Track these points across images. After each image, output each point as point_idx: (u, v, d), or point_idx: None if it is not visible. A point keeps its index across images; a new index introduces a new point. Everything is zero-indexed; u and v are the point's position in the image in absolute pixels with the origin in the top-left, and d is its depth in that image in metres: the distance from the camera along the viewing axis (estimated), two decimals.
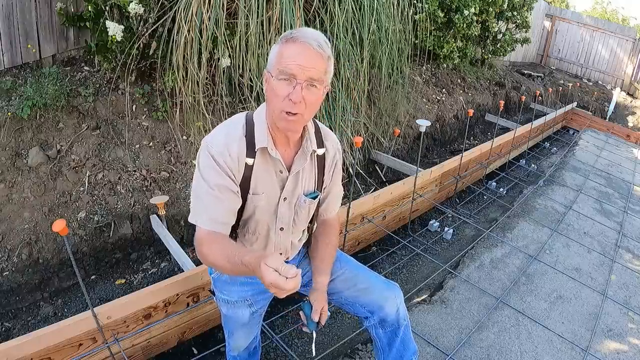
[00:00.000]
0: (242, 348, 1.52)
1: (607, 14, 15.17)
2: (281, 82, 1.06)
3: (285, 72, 1.05)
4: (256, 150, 1.16)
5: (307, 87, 1.06)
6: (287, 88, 1.06)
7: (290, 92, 1.06)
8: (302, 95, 1.05)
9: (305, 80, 1.05)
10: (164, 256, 2.65)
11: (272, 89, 1.09)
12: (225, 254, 1.07)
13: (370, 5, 3.12)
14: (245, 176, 1.17)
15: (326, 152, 1.30)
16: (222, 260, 1.07)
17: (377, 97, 3.93)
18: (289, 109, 1.07)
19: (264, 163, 1.19)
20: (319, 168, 1.30)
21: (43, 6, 2.84)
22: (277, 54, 1.08)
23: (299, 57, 1.04)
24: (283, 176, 1.23)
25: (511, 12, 6.48)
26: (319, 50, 1.06)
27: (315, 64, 1.06)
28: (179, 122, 2.95)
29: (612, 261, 3.04)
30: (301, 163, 1.23)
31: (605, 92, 9.78)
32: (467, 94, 5.98)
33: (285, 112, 1.08)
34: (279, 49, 1.08)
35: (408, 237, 3.17)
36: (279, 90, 1.07)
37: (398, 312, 1.40)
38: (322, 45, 1.07)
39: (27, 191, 2.42)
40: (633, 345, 2.27)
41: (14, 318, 2.18)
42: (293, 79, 1.05)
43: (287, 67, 1.05)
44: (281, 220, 1.28)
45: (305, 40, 1.05)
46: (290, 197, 1.26)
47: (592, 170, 4.95)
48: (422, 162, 3.62)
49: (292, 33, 1.08)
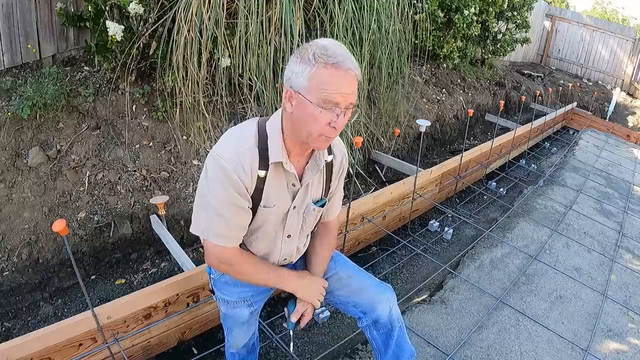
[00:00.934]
0: (241, 345, 1.53)
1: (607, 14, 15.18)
2: (325, 110, 1.04)
3: (330, 102, 1.03)
4: (270, 163, 1.14)
5: (346, 111, 1.07)
6: (330, 115, 1.04)
7: (332, 119, 1.05)
8: (343, 120, 1.06)
9: (346, 107, 1.05)
10: (164, 256, 2.65)
11: (311, 115, 1.05)
12: (253, 270, 1.24)
13: (370, 5, 3.12)
14: (257, 188, 1.16)
15: (334, 159, 1.30)
16: (250, 275, 1.24)
17: (377, 97, 3.93)
18: (329, 134, 1.07)
19: (277, 176, 1.18)
20: (327, 175, 1.30)
21: (43, 6, 2.84)
22: (314, 78, 1.02)
23: (342, 86, 1.03)
24: (295, 189, 1.22)
25: (511, 12, 6.48)
26: (357, 74, 1.05)
27: (354, 88, 1.06)
28: (179, 122, 2.95)
29: (612, 261, 3.04)
30: (312, 174, 1.22)
31: (605, 92, 9.78)
32: (467, 94, 5.98)
33: (325, 135, 1.08)
34: (318, 73, 1.02)
35: (408, 237, 3.17)
36: (322, 119, 1.04)
37: (391, 314, 1.40)
38: (357, 67, 1.06)
39: (27, 191, 2.42)
40: (633, 345, 2.27)
41: (14, 318, 2.18)
42: (336, 107, 1.04)
43: (332, 97, 1.02)
44: (289, 229, 1.28)
45: (347, 66, 1.03)
46: (299, 206, 1.26)
47: (592, 170, 4.95)
48: (422, 162, 3.62)
49: (329, 56, 1.02)
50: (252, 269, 1.24)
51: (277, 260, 1.33)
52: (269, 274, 1.27)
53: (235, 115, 3.13)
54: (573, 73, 10.73)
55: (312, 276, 1.35)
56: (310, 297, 1.31)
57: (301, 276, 1.33)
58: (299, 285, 1.31)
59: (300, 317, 1.34)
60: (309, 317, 1.35)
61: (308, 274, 1.36)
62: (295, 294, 1.32)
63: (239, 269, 1.23)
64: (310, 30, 3.01)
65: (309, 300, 1.31)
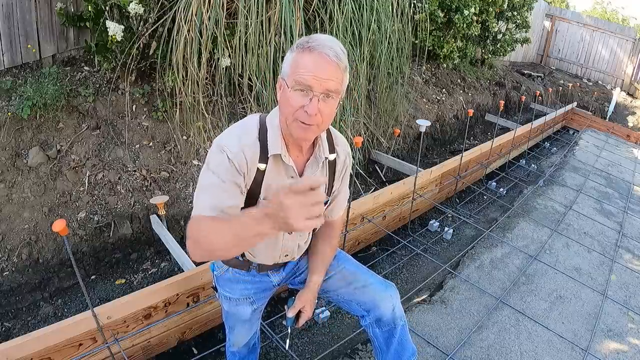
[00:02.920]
0: (242, 344, 1.53)
1: (607, 14, 15.18)
2: (296, 92, 1.03)
3: (301, 84, 1.01)
4: (269, 156, 1.14)
5: (323, 98, 1.04)
6: (303, 99, 1.03)
7: (305, 104, 1.03)
8: (318, 107, 1.03)
9: (322, 92, 1.02)
10: (164, 256, 2.65)
11: (286, 98, 1.05)
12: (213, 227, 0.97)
13: (370, 5, 3.12)
14: (257, 181, 1.15)
15: (337, 158, 1.29)
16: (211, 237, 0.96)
17: (377, 97, 3.93)
18: (303, 119, 1.05)
19: (276, 169, 1.17)
20: (330, 173, 1.29)
21: (43, 6, 2.84)
22: (292, 63, 1.04)
23: (315, 68, 1.01)
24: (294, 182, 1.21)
25: (511, 12, 6.49)
26: (336, 61, 1.02)
27: (332, 75, 1.02)
28: (179, 122, 2.95)
29: (612, 261, 3.04)
30: (313, 170, 1.21)
31: (605, 92, 9.78)
32: (467, 94, 5.98)
33: (300, 120, 1.05)
34: (294, 58, 1.04)
35: (408, 237, 3.17)
36: (294, 101, 1.03)
37: (394, 312, 1.40)
38: (339, 55, 1.03)
39: (27, 191, 2.42)
40: (633, 345, 2.27)
41: (14, 318, 2.18)
42: (309, 90, 1.02)
43: (303, 79, 1.01)
44: None
45: (322, 49, 1.01)
46: None
47: (592, 170, 4.95)
48: (422, 162, 3.62)
49: (308, 41, 1.03)
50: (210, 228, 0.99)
51: (279, 257, 1.33)
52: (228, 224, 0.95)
53: (235, 115, 3.13)
54: (573, 73, 10.73)
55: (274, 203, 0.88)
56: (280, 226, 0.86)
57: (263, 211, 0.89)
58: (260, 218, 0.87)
59: (299, 315, 1.33)
60: (308, 316, 1.35)
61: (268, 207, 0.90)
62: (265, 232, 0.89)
63: (198, 226, 1.01)
64: (310, 30, 3.01)
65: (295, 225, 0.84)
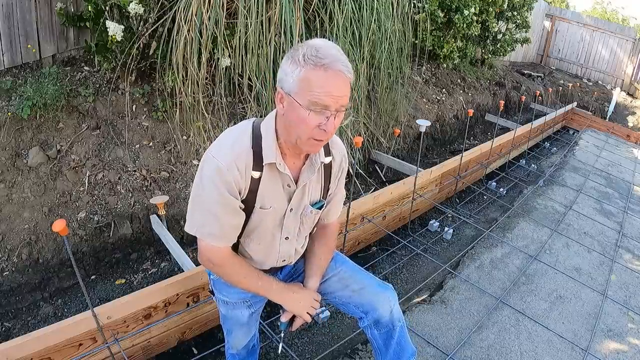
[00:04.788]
0: (241, 346, 1.52)
1: (607, 14, 15.17)
2: (312, 112, 1.02)
3: (318, 104, 1.01)
4: (264, 164, 1.13)
5: (337, 114, 1.04)
6: (319, 118, 1.02)
7: (321, 122, 1.02)
8: (334, 123, 1.04)
9: (337, 109, 1.03)
10: (164, 256, 2.65)
11: (301, 118, 1.03)
12: (243, 275, 1.22)
13: (370, 5, 3.12)
14: (252, 190, 1.15)
15: (333, 161, 1.28)
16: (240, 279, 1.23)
17: (377, 97, 3.93)
18: (319, 137, 1.05)
19: (272, 177, 1.16)
20: (326, 177, 1.29)
21: (43, 6, 2.84)
22: (304, 80, 1.00)
23: (331, 87, 1.00)
24: (290, 190, 1.21)
25: (511, 12, 6.49)
26: (349, 76, 1.02)
27: (346, 91, 1.03)
28: (179, 122, 2.95)
29: (612, 261, 3.04)
30: (308, 176, 1.21)
31: (605, 92, 9.78)
32: (467, 94, 5.98)
33: (315, 138, 1.05)
34: (307, 75, 1.00)
35: (408, 237, 3.17)
36: (311, 121, 1.02)
37: (392, 313, 1.40)
38: (349, 69, 1.03)
39: (27, 191, 2.42)
40: (633, 345, 2.27)
41: (14, 318, 2.18)
42: (325, 110, 1.01)
43: (320, 99, 1.00)
44: (287, 230, 1.27)
45: (336, 66, 1.00)
46: (296, 208, 1.24)
47: (592, 170, 4.95)
48: (422, 162, 3.62)
49: (319, 57, 0.99)
50: (242, 273, 1.22)
51: (275, 261, 1.33)
52: (257, 282, 1.24)
53: (235, 115, 3.13)
54: (573, 73, 10.73)
55: (302, 290, 1.32)
56: (299, 310, 1.29)
57: (291, 289, 1.30)
58: (287, 299, 1.28)
59: (293, 319, 1.33)
60: (302, 321, 1.34)
61: (299, 287, 1.33)
62: (284, 307, 1.29)
63: (229, 270, 1.21)
64: (310, 30, 3.01)
65: (297, 313, 1.29)
